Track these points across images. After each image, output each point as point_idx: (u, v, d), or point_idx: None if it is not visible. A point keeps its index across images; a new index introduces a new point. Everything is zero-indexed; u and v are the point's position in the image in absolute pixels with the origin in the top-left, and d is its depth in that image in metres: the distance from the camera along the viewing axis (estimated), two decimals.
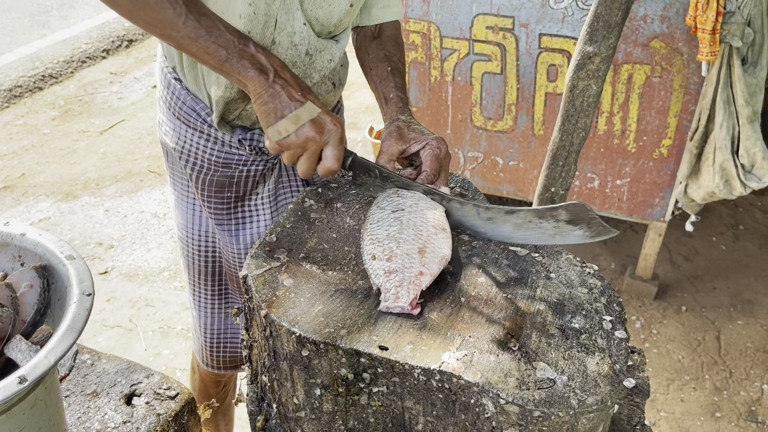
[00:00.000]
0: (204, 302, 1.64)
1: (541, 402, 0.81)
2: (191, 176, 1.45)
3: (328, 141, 1.13)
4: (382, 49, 1.42)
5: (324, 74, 1.34)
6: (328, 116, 1.12)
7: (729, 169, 2.59)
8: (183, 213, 1.55)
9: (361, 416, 0.94)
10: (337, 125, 1.12)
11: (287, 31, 1.23)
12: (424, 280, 0.97)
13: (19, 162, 4.13)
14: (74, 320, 0.89)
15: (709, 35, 2.35)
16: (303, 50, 1.27)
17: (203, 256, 1.57)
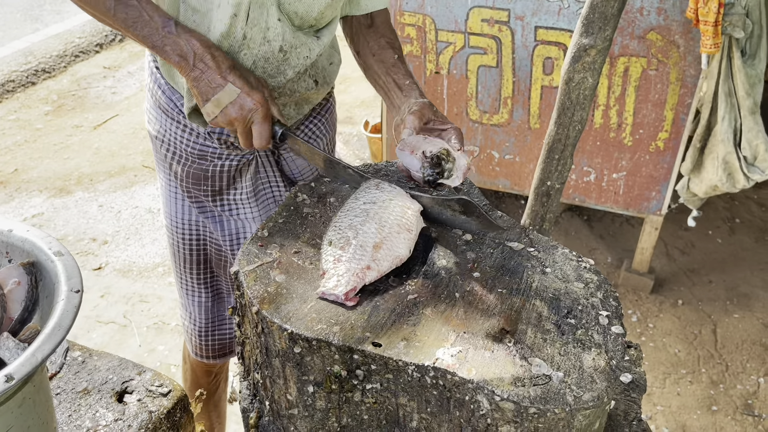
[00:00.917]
0: (191, 290, 1.63)
1: (537, 399, 0.80)
2: (171, 165, 1.45)
3: (253, 120, 1.14)
4: (382, 36, 1.39)
5: (299, 71, 1.32)
6: (249, 96, 1.13)
7: (732, 162, 2.57)
8: (167, 200, 1.54)
9: (354, 413, 0.93)
10: (257, 104, 1.13)
11: (260, 27, 1.22)
12: (369, 274, 0.98)
13: (11, 157, 4.10)
14: (62, 317, 0.88)
15: (712, 27, 2.31)
16: (276, 46, 1.26)
17: (188, 244, 1.56)
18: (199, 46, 1.13)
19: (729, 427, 2.43)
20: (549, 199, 1.81)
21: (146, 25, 1.13)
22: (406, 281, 0.99)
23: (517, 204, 3.57)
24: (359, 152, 4.21)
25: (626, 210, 2.94)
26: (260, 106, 1.13)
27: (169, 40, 1.13)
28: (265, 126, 1.15)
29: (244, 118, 1.14)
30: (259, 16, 1.21)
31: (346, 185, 1.24)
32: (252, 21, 1.21)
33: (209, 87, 1.13)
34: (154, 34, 1.13)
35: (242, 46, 1.23)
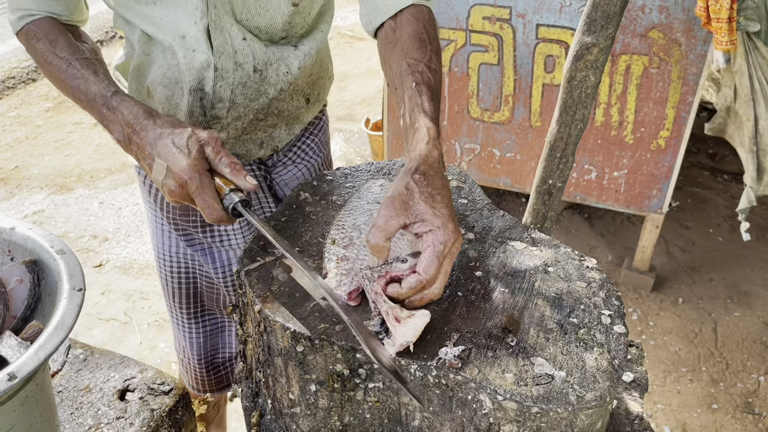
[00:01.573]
0: (182, 326, 1.58)
1: (540, 398, 0.80)
2: (156, 198, 1.39)
3: (189, 193, 0.97)
4: (404, 58, 1.09)
5: (281, 88, 1.25)
6: (176, 165, 0.96)
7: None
8: (153, 233, 1.49)
9: (356, 412, 0.93)
10: (184, 173, 0.95)
11: (227, 53, 1.17)
12: None
13: (12, 154, 4.10)
14: (65, 316, 0.88)
15: (726, 24, 2.28)
16: (249, 68, 1.20)
17: (176, 277, 1.51)
18: (130, 118, 1.02)
19: (729, 426, 2.44)
20: (551, 198, 1.81)
21: (93, 102, 1.07)
22: None
23: (518, 202, 3.57)
24: (360, 150, 4.20)
25: (627, 208, 2.94)
26: (187, 177, 0.95)
27: (111, 117, 1.05)
28: (202, 197, 0.96)
29: (182, 194, 0.98)
30: (223, 42, 1.16)
31: (349, 184, 1.23)
32: (218, 50, 1.16)
33: (145, 164, 1.01)
34: (100, 112, 1.06)
35: (216, 78, 1.18)
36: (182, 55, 1.18)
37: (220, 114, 1.26)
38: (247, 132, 1.32)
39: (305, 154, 1.46)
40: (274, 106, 1.29)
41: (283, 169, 1.44)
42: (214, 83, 1.19)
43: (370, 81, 5.03)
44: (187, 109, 1.24)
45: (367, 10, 1.19)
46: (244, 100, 1.24)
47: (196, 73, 1.19)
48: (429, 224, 0.88)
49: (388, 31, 1.16)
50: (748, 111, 2.47)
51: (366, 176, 1.26)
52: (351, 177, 1.26)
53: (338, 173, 1.28)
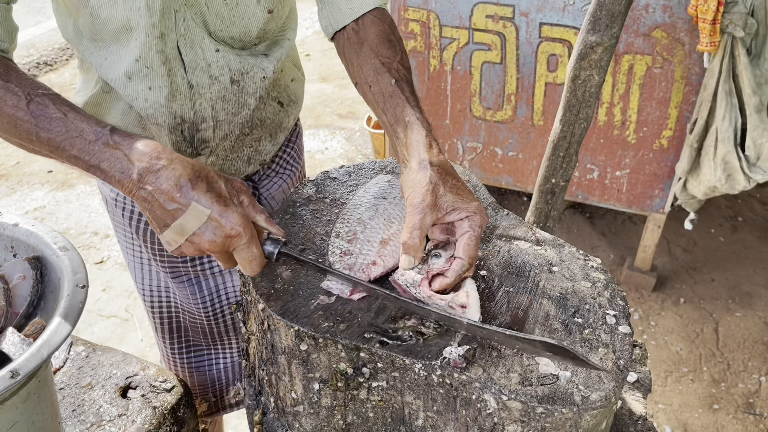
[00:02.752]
0: (172, 355, 1.54)
1: (544, 398, 0.80)
2: (137, 229, 1.29)
3: (235, 246, 0.88)
4: (376, 56, 1.08)
5: (260, 95, 1.20)
6: (223, 218, 0.85)
7: (732, 162, 2.56)
8: (132, 267, 1.41)
9: (360, 411, 0.93)
10: (238, 226, 0.86)
11: (200, 67, 1.10)
12: (374, 270, 0.97)
13: (13, 150, 4.10)
14: (68, 313, 0.87)
15: (710, 25, 2.32)
16: (226, 80, 1.13)
17: (158, 312, 1.46)
18: (146, 153, 0.86)
19: (730, 426, 2.43)
20: (553, 197, 1.81)
21: (75, 140, 0.89)
22: None
23: (520, 201, 3.56)
24: (362, 148, 4.20)
25: (629, 208, 2.93)
26: (241, 229, 0.86)
27: (106, 155, 0.87)
28: (250, 251, 0.88)
29: (223, 246, 0.87)
30: (195, 57, 1.09)
31: (352, 182, 1.23)
32: (190, 65, 1.09)
33: (165, 210, 0.86)
34: (86, 149, 0.88)
35: (194, 96, 1.12)
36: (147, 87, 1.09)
37: (207, 136, 1.19)
38: (234, 150, 1.27)
39: (287, 164, 1.43)
40: (256, 117, 1.25)
41: (269, 182, 1.40)
42: (192, 102, 1.12)
43: None
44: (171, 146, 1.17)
45: (328, 13, 1.17)
46: (227, 116, 1.19)
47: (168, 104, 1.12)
48: (464, 211, 0.91)
49: (351, 33, 1.15)
50: (703, 111, 2.53)
51: (370, 174, 1.25)
52: (354, 175, 1.26)
53: (342, 171, 1.27)
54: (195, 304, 1.41)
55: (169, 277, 1.38)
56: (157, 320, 1.49)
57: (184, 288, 1.38)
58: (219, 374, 1.56)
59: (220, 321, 1.46)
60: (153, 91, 1.10)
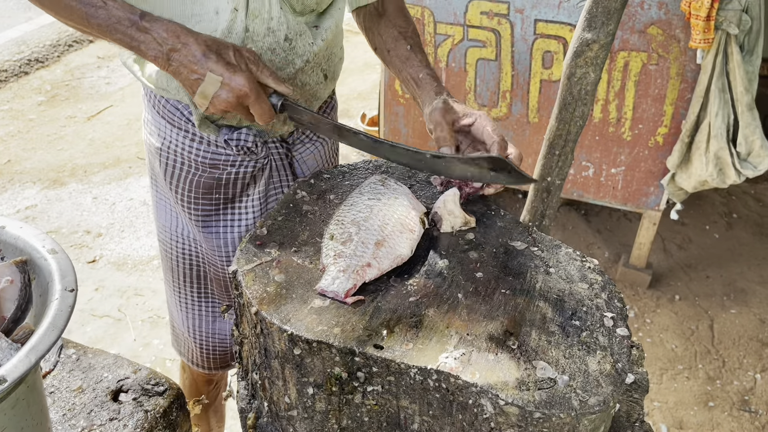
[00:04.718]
0: (191, 305, 1.57)
1: (542, 403, 0.79)
2: (178, 178, 1.38)
3: (246, 103, 1.07)
4: (393, 27, 1.34)
5: (307, 59, 1.27)
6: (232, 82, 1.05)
7: (724, 158, 2.57)
8: (164, 214, 1.48)
9: (355, 415, 0.92)
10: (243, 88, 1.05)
11: (262, 18, 1.18)
12: (369, 272, 0.96)
13: (4, 148, 4.06)
14: (56, 317, 0.86)
15: (703, 22, 2.32)
16: (281, 36, 1.21)
17: (187, 259, 1.50)
18: (168, 36, 1.05)
19: (726, 424, 2.43)
20: (549, 195, 1.80)
21: (117, 26, 1.06)
22: (407, 281, 0.97)
23: (515, 198, 3.55)
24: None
25: (624, 205, 2.93)
26: (247, 89, 1.05)
27: (141, 37, 1.05)
28: (260, 104, 1.08)
29: (237, 104, 1.07)
30: (260, 6, 1.17)
31: (347, 182, 1.21)
32: (253, 12, 1.17)
33: (189, 80, 1.06)
34: (126, 34, 1.06)
35: (246, 40, 1.18)
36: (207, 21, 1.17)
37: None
38: None
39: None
40: (298, 79, 1.30)
41: (302, 147, 1.45)
42: (243, 44, 1.18)
43: (366, 75, 5.00)
44: None
45: None
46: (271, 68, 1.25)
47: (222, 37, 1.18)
48: (473, 114, 1.19)
49: (371, 7, 1.37)
50: (695, 106, 2.53)
51: (364, 174, 1.24)
52: (349, 175, 1.24)
53: (336, 171, 1.26)
54: (218, 256, 1.44)
55: (199, 227, 1.42)
56: (186, 266, 1.52)
57: (211, 240, 1.42)
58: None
59: None
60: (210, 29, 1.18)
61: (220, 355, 1.63)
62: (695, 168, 2.64)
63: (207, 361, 1.64)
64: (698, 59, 2.46)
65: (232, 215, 1.41)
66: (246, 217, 1.41)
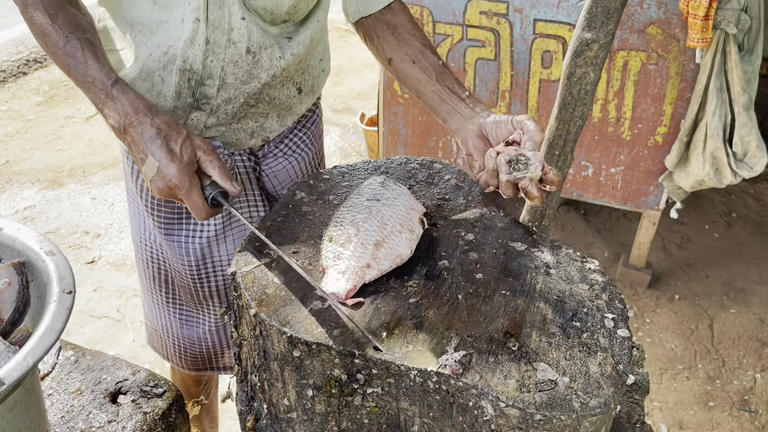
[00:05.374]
0: (162, 306, 1.56)
1: (543, 405, 0.78)
2: (137, 185, 1.38)
3: (178, 195, 1.04)
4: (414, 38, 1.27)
5: (273, 73, 1.25)
6: (167, 169, 1.02)
7: (720, 158, 2.57)
8: (135, 218, 1.47)
9: (354, 417, 0.91)
10: (175, 179, 1.02)
11: (222, 29, 1.17)
12: (369, 273, 0.96)
13: (3, 149, 4.06)
14: (54, 319, 0.85)
15: (701, 21, 2.31)
16: (243, 48, 1.19)
17: (155, 263, 1.49)
18: (130, 111, 1.06)
19: (725, 423, 2.43)
20: (548, 195, 1.79)
21: (91, 86, 1.08)
22: (407, 283, 0.97)
23: (514, 198, 3.55)
24: (356, 145, 4.18)
25: (624, 205, 2.92)
26: (177, 181, 1.02)
27: (108, 103, 1.08)
28: (190, 200, 1.04)
29: (171, 194, 1.04)
30: (221, 17, 1.16)
31: (345, 183, 1.21)
32: (213, 23, 1.15)
33: (137, 157, 1.06)
34: (97, 96, 1.08)
35: (207, 51, 1.17)
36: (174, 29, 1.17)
37: (210, 93, 1.24)
38: (237, 119, 1.31)
39: (297, 147, 1.45)
40: (265, 93, 1.28)
41: (273, 161, 1.43)
42: (205, 57, 1.18)
43: (365, 75, 5.00)
44: (175, 90, 1.23)
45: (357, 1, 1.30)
46: (235, 81, 1.23)
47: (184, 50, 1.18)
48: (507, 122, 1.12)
49: (380, 17, 1.30)
50: (693, 105, 2.53)
51: (363, 175, 1.23)
52: (348, 176, 1.24)
53: (335, 172, 1.25)
54: (182, 265, 1.43)
55: (162, 235, 1.41)
56: (150, 271, 1.51)
57: (174, 247, 1.42)
58: (205, 335, 1.57)
59: (206, 287, 1.47)
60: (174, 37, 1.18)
61: (191, 359, 1.61)
62: (693, 167, 2.64)
63: (182, 361, 1.63)
64: (697, 58, 2.45)
65: (195, 225, 1.40)
66: (207, 228, 1.39)
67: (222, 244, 1.42)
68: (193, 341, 1.59)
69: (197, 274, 1.44)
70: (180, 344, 1.60)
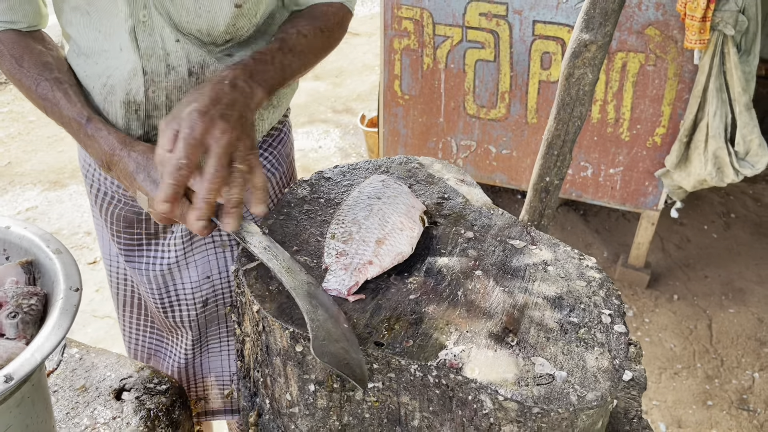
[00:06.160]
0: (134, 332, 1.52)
1: (541, 398, 0.80)
2: (101, 207, 1.34)
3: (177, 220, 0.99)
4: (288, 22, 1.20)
5: None
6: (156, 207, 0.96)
7: (722, 157, 2.59)
8: (101, 240, 1.43)
9: (356, 412, 0.93)
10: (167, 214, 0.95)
11: (157, 56, 1.11)
12: (371, 270, 0.97)
13: (5, 150, 4.08)
14: (61, 317, 0.87)
15: (699, 23, 2.33)
16: (184, 71, 1.14)
17: (127, 285, 1.46)
18: (107, 149, 1.05)
19: (724, 422, 2.45)
20: (548, 195, 1.81)
21: (68, 126, 1.09)
22: (407, 280, 0.98)
23: (514, 199, 3.57)
24: (356, 146, 4.19)
25: (623, 205, 2.94)
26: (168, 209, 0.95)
27: (88, 142, 1.08)
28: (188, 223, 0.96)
29: (169, 221, 0.99)
30: (152, 44, 1.10)
31: (346, 182, 1.23)
32: (146, 51, 1.10)
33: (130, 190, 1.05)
34: (77, 135, 1.09)
35: (147, 82, 1.13)
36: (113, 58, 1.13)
37: (159, 124, 1.15)
38: None
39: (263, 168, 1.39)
40: None
41: None
42: (146, 88, 1.14)
43: (365, 77, 5.02)
44: (123, 124, 1.19)
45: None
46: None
47: (124, 81, 1.14)
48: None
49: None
50: (693, 106, 2.54)
51: (364, 174, 1.25)
52: (349, 175, 1.25)
53: (336, 171, 1.27)
54: (146, 291, 1.40)
55: (124, 260, 1.38)
56: (121, 296, 1.47)
57: (136, 274, 1.38)
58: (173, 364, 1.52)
59: (170, 316, 1.43)
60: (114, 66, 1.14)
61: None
62: (694, 167, 2.65)
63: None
64: (695, 60, 2.47)
65: (155, 252, 1.36)
66: (168, 255, 1.35)
67: (184, 270, 1.37)
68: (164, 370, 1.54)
69: (160, 302, 1.40)
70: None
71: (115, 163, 1.04)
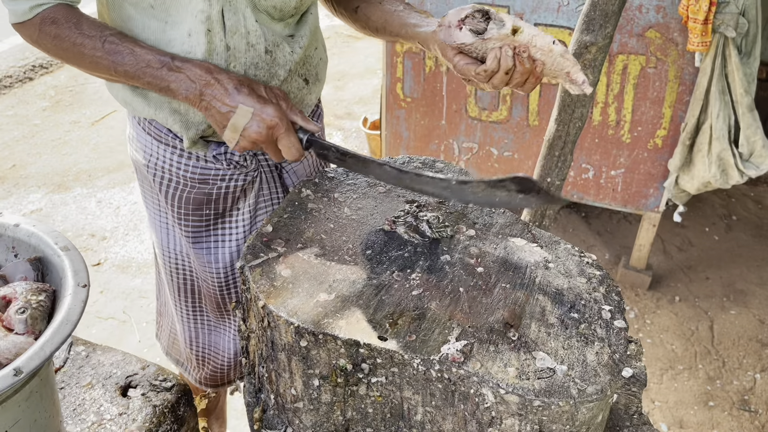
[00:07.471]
0: (190, 318, 1.57)
1: (541, 392, 0.81)
2: (166, 194, 1.37)
3: (277, 135, 1.08)
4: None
5: (289, 68, 1.27)
6: (263, 113, 1.07)
7: (726, 159, 2.60)
8: (158, 230, 1.47)
9: (359, 406, 0.94)
10: (274, 119, 1.06)
11: (240, 33, 1.17)
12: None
13: (9, 153, 4.10)
14: (69, 312, 0.88)
15: (701, 25, 2.35)
16: (261, 49, 1.21)
17: (180, 274, 1.50)
18: (200, 74, 1.09)
19: (725, 423, 2.45)
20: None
21: (146, 69, 1.10)
22: (410, 276, 1.00)
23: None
24: (359, 149, 4.21)
25: (624, 207, 2.95)
26: (278, 119, 1.07)
27: (172, 77, 1.09)
28: (289, 138, 1.08)
29: (268, 136, 1.08)
30: (237, 22, 1.16)
31: (350, 181, 1.24)
32: (230, 29, 1.16)
33: (221, 114, 1.08)
34: (156, 75, 1.09)
35: (229, 58, 1.18)
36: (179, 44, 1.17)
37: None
38: None
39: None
40: (284, 90, 1.29)
41: None
42: (227, 63, 1.19)
43: (367, 80, 5.04)
44: None
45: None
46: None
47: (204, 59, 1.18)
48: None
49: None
50: (695, 108, 2.55)
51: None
52: (352, 175, 1.27)
53: (340, 170, 1.28)
54: (209, 273, 1.44)
55: (190, 243, 1.41)
56: (180, 281, 1.51)
57: (202, 256, 1.42)
58: (230, 342, 1.58)
59: (232, 292, 1.48)
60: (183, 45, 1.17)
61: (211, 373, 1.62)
62: (698, 170, 2.66)
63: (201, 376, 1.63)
64: (696, 62, 2.49)
65: (223, 231, 1.41)
66: (236, 231, 1.40)
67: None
68: (218, 351, 1.59)
69: (225, 282, 1.45)
70: (203, 356, 1.60)
71: (212, 84, 1.07)
